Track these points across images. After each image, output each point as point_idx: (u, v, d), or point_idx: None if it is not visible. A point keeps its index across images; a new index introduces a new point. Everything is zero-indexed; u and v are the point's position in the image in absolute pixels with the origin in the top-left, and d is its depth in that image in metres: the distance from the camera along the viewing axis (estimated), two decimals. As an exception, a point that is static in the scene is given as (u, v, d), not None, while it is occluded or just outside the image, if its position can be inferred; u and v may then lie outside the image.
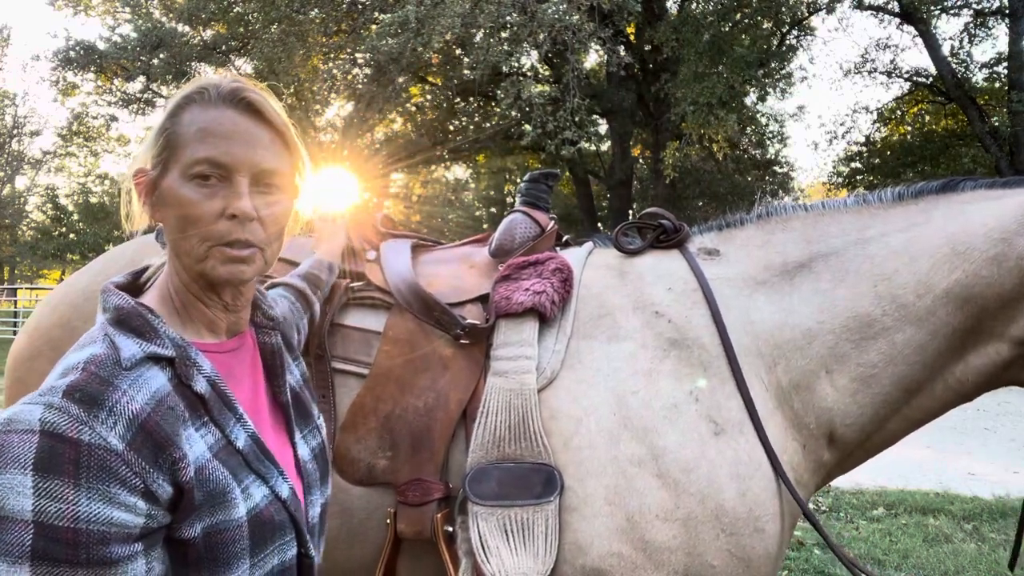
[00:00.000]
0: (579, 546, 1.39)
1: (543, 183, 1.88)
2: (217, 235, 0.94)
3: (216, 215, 0.94)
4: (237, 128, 0.97)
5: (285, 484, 1.01)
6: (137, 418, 0.84)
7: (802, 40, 16.98)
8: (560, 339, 1.55)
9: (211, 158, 0.94)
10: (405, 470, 1.48)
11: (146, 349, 0.90)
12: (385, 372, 1.55)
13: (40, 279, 35.47)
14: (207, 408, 0.93)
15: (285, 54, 13.41)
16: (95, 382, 0.84)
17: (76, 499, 0.78)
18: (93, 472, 0.80)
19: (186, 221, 0.94)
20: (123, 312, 0.93)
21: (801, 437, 1.55)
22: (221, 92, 0.98)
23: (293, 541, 1.01)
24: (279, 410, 1.11)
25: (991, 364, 1.57)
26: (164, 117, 0.98)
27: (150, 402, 0.86)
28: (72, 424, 0.80)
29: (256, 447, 0.98)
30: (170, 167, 0.95)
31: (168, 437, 0.86)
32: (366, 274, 1.70)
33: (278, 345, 1.13)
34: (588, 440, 1.43)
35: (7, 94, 32.21)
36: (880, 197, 1.68)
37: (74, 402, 0.81)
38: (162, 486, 0.85)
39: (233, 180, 0.95)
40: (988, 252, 1.52)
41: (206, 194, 0.94)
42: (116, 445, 0.81)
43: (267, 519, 0.96)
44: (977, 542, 4.38)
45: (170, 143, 0.96)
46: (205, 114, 0.96)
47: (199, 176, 0.94)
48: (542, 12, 11.15)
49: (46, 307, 1.82)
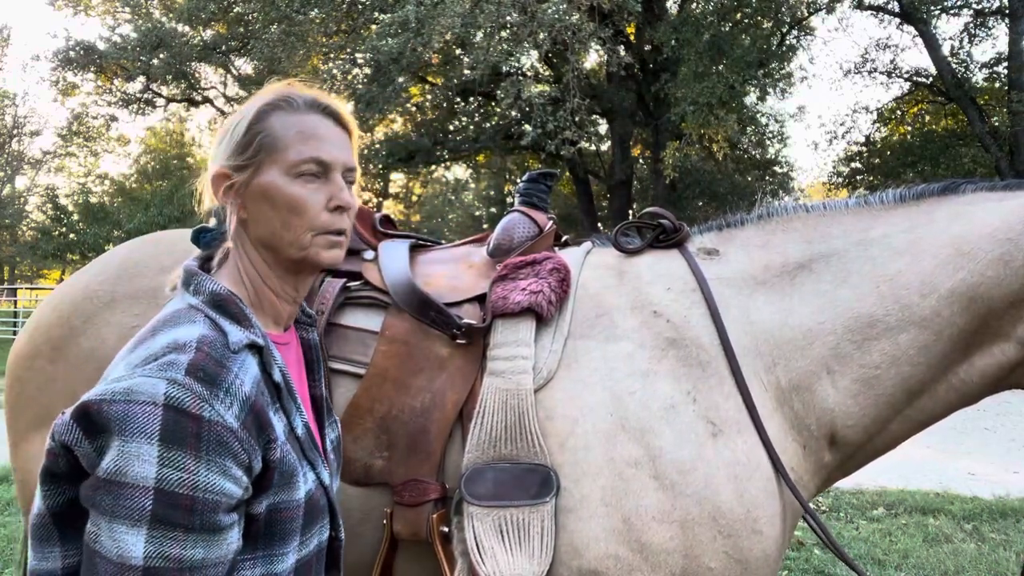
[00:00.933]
0: (575, 547, 1.38)
1: (542, 183, 1.87)
2: (322, 225, 1.06)
3: (322, 207, 1.06)
4: (329, 131, 1.09)
5: (325, 471, 1.09)
6: (248, 399, 0.93)
7: (802, 40, 16.97)
8: (557, 339, 1.54)
9: (317, 157, 1.05)
10: (401, 470, 1.48)
11: (248, 337, 0.99)
12: (381, 372, 1.55)
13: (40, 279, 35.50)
14: (279, 396, 1.02)
15: (285, 54, 13.42)
16: (212, 363, 0.92)
17: (196, 469, 0.86)
18: (212, 446, 0.88)
19: (295, 212, 1.04)
20: (220, 298, 1.01)
21: (802, 438, 1.54)
22: (305, 99, 1.10)
23: (328, 524, 1.10)
24: (314, 403, 1.21)
25: (996, 365, 1.56)
26: (248, 122, 1.07)
27: (254, 385, 0.96)
28: (195, 401, 0.88)
29: (308, 436, 1.07)
30: (266, 167, 1.05)
31: (267, 417, 0.96)
32: (363, 274, 1.69)
33: (315, 341, 1.23)
34: (584, 441, 1.43)
35: (7, 94, 32.23)
36: (881, 198, 1.68)
37: (197, 380, 0.89)
38: (259, 461, 0.94)
39: (331, 177, 1.07)
40: (993, 252, 1.52)
41: (313, 189, 1.06)
42: (232, 423, 0.90)
43: (316, 501, 1.05)
44: (977, 542, 4.38)
45: (266, 146, 1.05)
46: (298, 119, 1.07)
47: (307, 174, 1.05)
48: (542, 12, 11.15)
49: (46, 307, 1.82)
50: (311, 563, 1.05)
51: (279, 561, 0.98)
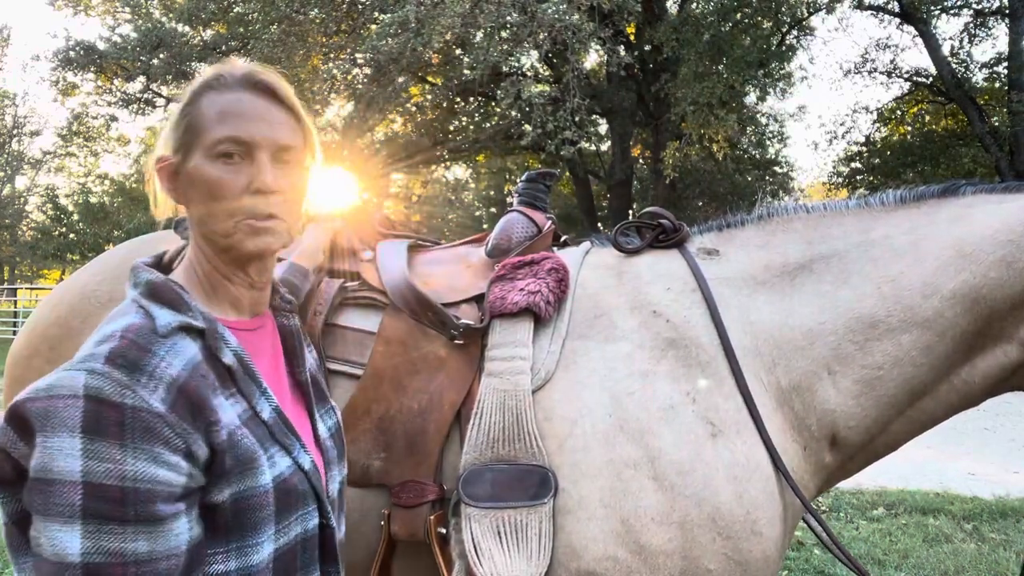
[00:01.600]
0: (573, 549, 1.38)
1: (541, 183, 1.87)
2: (244, 210, 1.00)
3: (242, 190, 1.00)
4: (255, 108, 1.02)
5: (307, 456, 1.05)
6: (176, 381, 0.89)
7: (802, 40, 16.96)
8: (555, 339, 1.54)
9: (233, 136, 1.00)
10: (399, 471, 1.47)
11: (179, 319, 0.95)
12: (379, 373, 1.54)
13: (40, 279, 35.48)
14: (234, 379, 0.99)
15: (285, 54, 13.40)
16: (134, 348, 0.89)
17: (123, 459, 0.83)
18: (138, 433, 0.84)
19: (213, 198, 0.99)
20: (155, 285, 0.98)
21: (802, 439, 1.54)
22: (236, 76, 1.04)
23: (315, 512, 1.05)
24: (298, 389, 1.16)
25: (998, 367, 1.56)
26: (183, 105, 1.04)
27: (186, 368, 0.92)
28: (116, 388, 0.85)
29: (280, 419, 1.03)
30: (193, 150, 1.01)
31: (205, 400, 0.92)
32: (361, 274, 1.69)
33: (296, 327, 1.18)
34: (583, 442, 1.42)
35: (7, 94, 32.24)
36: (882, 200, 1.68)
37: (116, 367, 0.86)
38: (200, 446, 0.90)
39: (255, 157, 1.01)
40: (996, 254, 1.52)
41: (231, 171, 1.00)
42: (158, 407, 0.86)
43: (291, 487, 1.00)
44: (977, 542, 4.38)
45: (191, 128, 1.01)
46: (223, 97, 1.02)
47: (223, 154, 1.00)
48: (542, 12, 11.14)
49: (45, 307, 1.83)
50: (294, 552, 1.01)
51: (254, 552, 0.95)
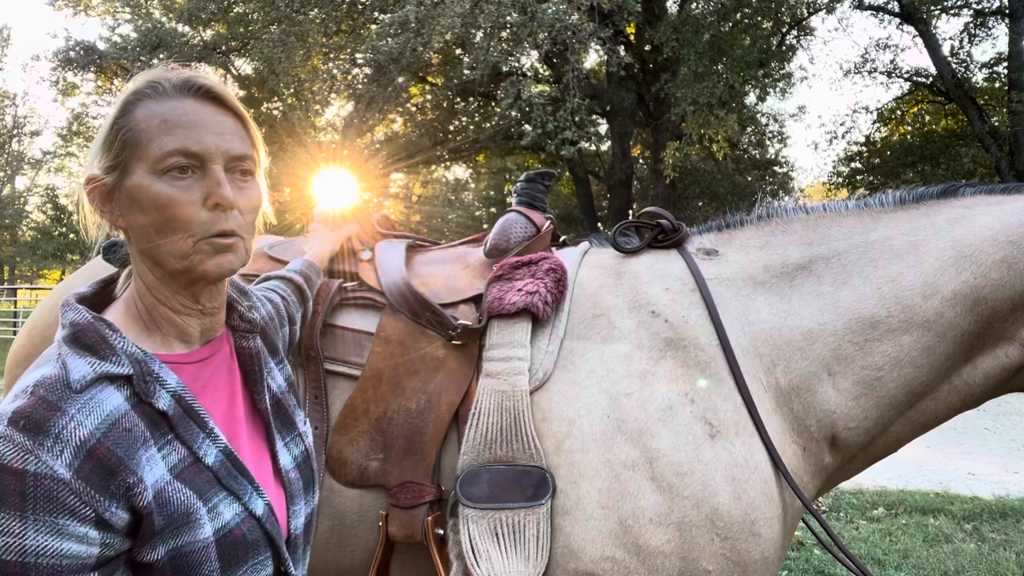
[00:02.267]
0: (571, 550, 1.37)
1: (540, 183, 1.87)
2: (202, 228, 0.90)
3: (197, 207, 0.90)
4: (201, 116, 0.93)
5: (260, 500, 0.96)
6: (85, 444, 0.80)
7: (802, 40, 16.97)
8: (553, 340, 1.53)
9: (183, 149, 0.90)
10: (396, 472, 1.47)
11: (98, 369, 0.85)
12: (377, 373, 1.54)
13: (40, 279, 35.51)
14: (171, 425, 0.89)
15: (285, 54, 13.40)
16: (41, 407, 0.80)
17: (23, 531, 0.75)
18: (40, 503, 0.76)
19: (166, 218, 0.89)
20: (78, 328, 0.88)
21: (801, 440, 1.54)
22: (174, 83, 0.94)
23: (269, 560, 0.97)
24: (258, 417, 1.07)
25: (999, 368, 1.56)
26: (113, 117, 0.93)
27: (101, 426, 0.82)
28: (16, 453, 0.77)
29: (229, 462, 0.94)
30: (132, 167, 0.91)
31: (121, 461, 0.82)
32: (359, 274, 1.69)
33: (256, 349, 1.08)
34: (581, 443, 1.42)
35: (7, 94, 32.26)
36: (881, 201, 1.68)
37: (19, 430, 0.78)
38: (115, 513, 0.81)
39: (208, 169, 0.91)
40: (996, 255, 1.52)
41: (183, 187, 0.90)
42: (63, 474, 0.78)
43: (238, 538, 0.92)
44: (977, 542, 4.38)
45: (129, 142, 0.91)
46: (163, 106, 0.92)
47: (174, 169, 0.90)
48: (542, 12, 11.14)
49: (44, 307, 1.84)
50: None
51: None
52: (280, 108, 18.19)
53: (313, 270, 1.57)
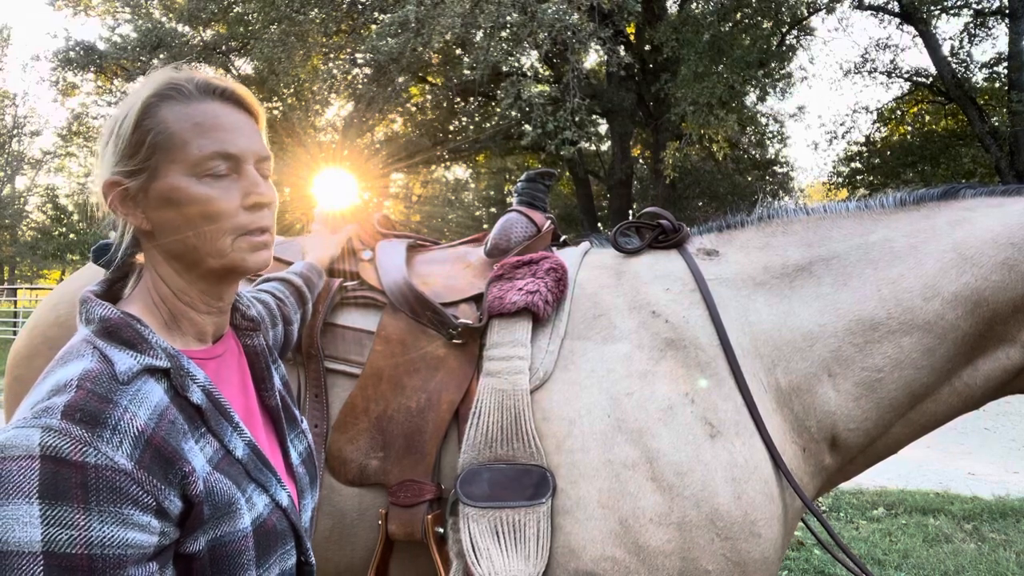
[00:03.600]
0: (571, 549, 1.37)
1: (540, 183, 1.87)
2: (242, 226, 0.94)
3: (237, 207, 0.94)
4: (231, 119, 0.95)
5: (283, 492, 0.98)
6: (143, 434, 0.81)
7: (802, 40, 16.97)
8: (553, 339, 1.53)
9: (223, 151, 0.93)
10: (396, 471, 1.47)
11: (142, 361, 0.87)
12: (377, 372, 1.54)
13: (40, 279, 35.53)
14: (204, 419, 0.91)
15: (285, 54, 13.41)
16: (94, 400, 0.81)
17: (88, 524, 0.76)
18: (103, 494, 0.77)
19: (207, 218, 0.92)
20: (111, 323, 0.89)
21: (801, 440, 1.54)
22: (199, 85, 0.95)
23: (293, 550, 0.99)
24: (267, 414, 1.09)
25: (1000, 369, 1.56)
26: (134, 119, 0.93)
27: (153, 417, 0.84)
28: (75, 446, 0.77)
29: (254, 455, 0.96)
30: (164, 169, 0.92)
31: (176, 451, 0.84)
32: (360, 274, 1.69)
33: (262, 346, 1.10)
34: (581, 442, 1.42)
35: (7, 94, 32.29)
36: (881, 202, 1.69)
37: (75, 423, 0.78)
38: (173, 502, 0.83)
39: (243, 170, 0.95)
40: (998, 257, 1.53)
41: (224, 187, 0.93)
42: (124, 464, 0.79)
43: (271, 528, 0.94)
44: (977, 542, 4.38)
45: (160, 145, 0.92)
46: (192, 109, 0.93)
47: (212, 172, 0.92)
48: (542, 12, 11.14)
49: (45, 306, 1.83)
50: None
51: None
52: (280, 108, 18.20)
53: (314, 272, 1.57)
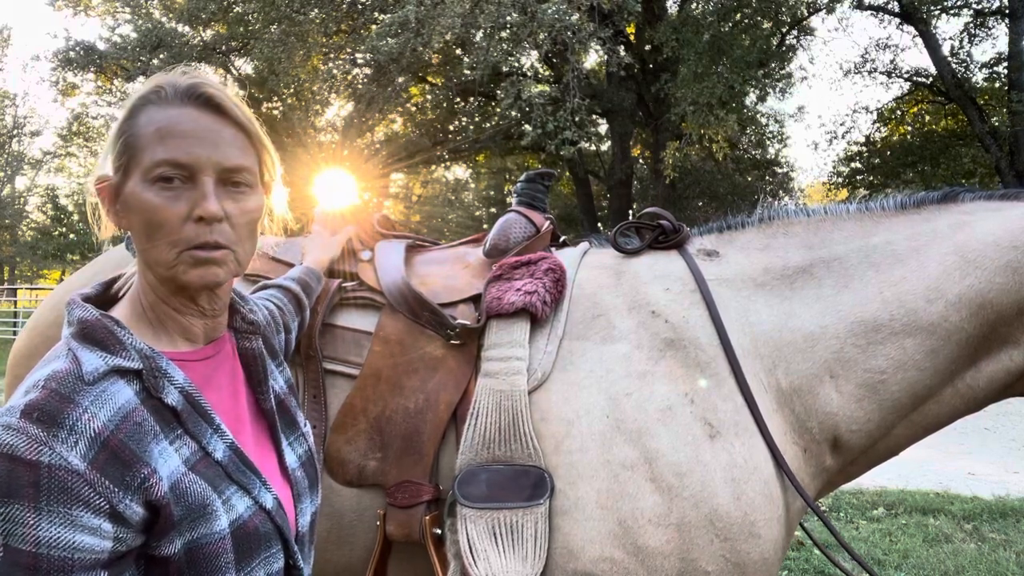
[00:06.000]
0: (570, 550, 1.37)
1: (539, 183, 1.87)
2: (185, 239, 0.91)
3: (182, 218, 0.90)
4: (197, 126, 0.93)
5: (268, 494, 0.97)
6: (99, 436, 0.81)
7: (802, 40, 16.98)
8: (552, 340, 1.53)
9: (172, 159, 0.90)
10: (394, 472, 1.47)
11: (110, 362, 0.86)
12: (375, 373, 1.54)
13: (40, 279, 35.53)
14: (180, 420, 0.90)
15: (285, 54, 13.41)
16: (54, 399, 0.81)
17: (37, 523, 0.76)
18: (54, 494, 0.77)
19: (152, 227, 0.90)
20: (86, 324, 0.89)
21: (803, 441, 1.53)
22: (178, 89, 0.94)
23: (280, 553, 0.98)
24: (263, 417, 1.08)
25: (1004, 371, 1.57)
26: (121, 120, 0.94)
27: (114, 418, 0.83)
28: (30, 445, 0.77)
29: (236, 457, 0.95)
30: (131, 172, 0.92)
31: (135, 454, 0.83)
32: (359, 274, 1.69)
33: (259, 350, 1.09)
34: (580, 443, 1.42)
35: (7, 94, 32.28)
36: (883, 205, 1.69)
37: (32, 422, 0.78)
38: (130, 506, 0.82)
39: (198, 180, 0.91)
40: (1000, 260, 1.53)
41: (170, 197, 0.90)
42: (77, 465, 0.78)
43: (251, 530, 0.93)
44: (977, 542, 4.38)
45: (129, 147, 0.92)
46: (162, 113, 0.92)
47: (161, 179, 0.90)
48: (542, 12, 11.14)
49: (45, 306, 1.84)
50: None
51: None
52: (280, 108, 18.20)
53: (312, 276, 1.56)
